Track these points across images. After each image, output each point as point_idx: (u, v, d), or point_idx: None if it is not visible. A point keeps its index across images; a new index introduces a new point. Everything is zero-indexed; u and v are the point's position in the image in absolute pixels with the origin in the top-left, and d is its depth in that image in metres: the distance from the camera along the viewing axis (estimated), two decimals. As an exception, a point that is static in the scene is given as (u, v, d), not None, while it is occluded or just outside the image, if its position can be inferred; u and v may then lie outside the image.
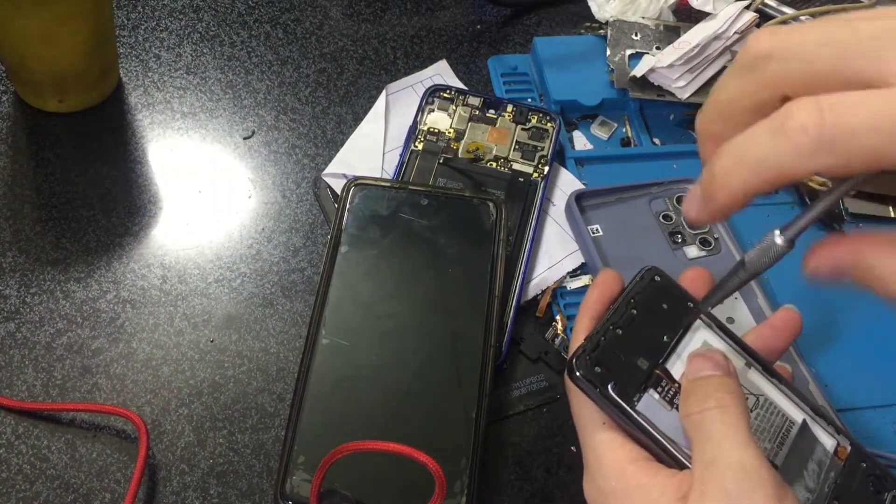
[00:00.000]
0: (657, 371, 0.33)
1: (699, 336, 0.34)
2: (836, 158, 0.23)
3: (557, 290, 0.47)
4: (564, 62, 0.57)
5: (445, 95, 0.53)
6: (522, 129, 0.52)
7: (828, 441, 0.33)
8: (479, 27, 0.61)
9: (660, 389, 0.32)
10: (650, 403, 0.32)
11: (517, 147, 0.51)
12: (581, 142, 0.55)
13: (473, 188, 0.49)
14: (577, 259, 0.48)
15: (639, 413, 0.32)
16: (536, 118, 0.53)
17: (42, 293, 0.44)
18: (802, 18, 0.62)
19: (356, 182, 0.46)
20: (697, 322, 0.35)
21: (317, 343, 0.41)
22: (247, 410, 0.42)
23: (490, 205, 0.46)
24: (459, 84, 0.56)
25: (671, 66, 0.53)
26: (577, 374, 0.32)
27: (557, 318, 0.46)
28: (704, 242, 0.49)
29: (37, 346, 0.42)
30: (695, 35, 0.55)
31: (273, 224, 0.49)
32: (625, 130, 0.56)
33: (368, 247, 0.44)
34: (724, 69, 0.56)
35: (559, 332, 0.46)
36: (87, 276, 0.45)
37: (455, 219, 0.46)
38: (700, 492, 0.28)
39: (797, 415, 0.34)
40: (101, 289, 0.45)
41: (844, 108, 0.23)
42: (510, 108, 0.53)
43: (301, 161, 0.51)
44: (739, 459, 0.28)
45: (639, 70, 0.54)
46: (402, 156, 0.51)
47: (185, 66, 0.55)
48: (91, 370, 0.42)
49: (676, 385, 0.33)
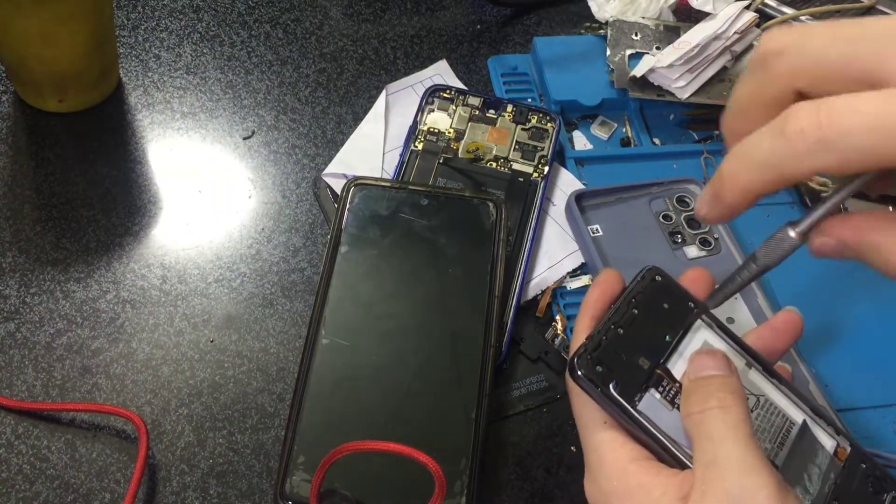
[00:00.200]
0: (658, 371, 0.33)
1: (700, 336, 0.34)
2: (834, 159, 0.24)
3: (557, 290, 0.47)
4: (564, 62, 0.57)
5: (445, 95, 0.53)
6: (522, 129, 0.52)
7: (828, 442, 0.33)
8: (479, 27, 0.61)
9: (661, 389, 0.32)
10: (651, 403, 0.32)
11: (517, 147, 0.51)
12: (581, 142, 0.55)
13: (473, 188, 0.49)
14: (577, 259, 0.48)
15: (640, 412, 0.32)
16: (536, 118, 0.53)
17: (42, 293, 0.44)
18: (802, 18, 0.62)
19: (356, 182, 0.46)
20: (698, 322, 0.35)
21: (317, 343, 0.41)
22: (247, 410, 0.42)
23: (490, 205, 0.46)
24: (459, 84, 0.56)
25: (671, 66, 0.53)
26: (579, 374, 0.32)
27: (557, 318, 0.46)
28: (704, 242, 0.49)
29: (37, 346, 0.42)
30: (695, 35, 0.55)
31: (273, 224, 0.49)
32: (625, 130, 0.56)
33: (368, 247, 0.44)
34: (724, 69, 0.56)
35: (559, 332, 0.46)
36: (87, 276, 0.45)
37: (455, 219, 0.46)
38: (701, 492, 0.28)
39: (797, 415, 0.34)
40: (101, 289, 0.45)
41: (841, 110, 0.24)
42: (510, 108, 0.53)
43: (301, 161, 0.51)
44: (741, 459, 0.28)
45: (639, 70, 0.54)
46: (402, 156, 0.51)
47: (185, 66, 0.55)
48: (91, 370, 0.42)
49: (677, 385, 0.32)
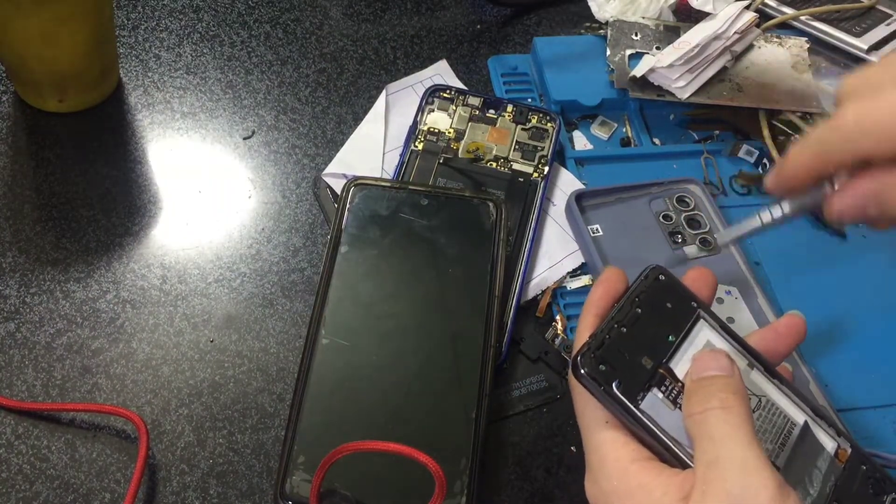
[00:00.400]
0: (661, 370, 0.33)
1: (702, 336, 0.34)
2: (870, 144, 0.31)
3: (557, 290, 0.47)
4: (564, 62, 0.57)
5: (445, 95, 0.53)
6: (522, 129, 0.52)
7: (829, 443, 0.33)
8: (479, 27, 0.61)
9: (664, 389, 0.32)
10: (654, 402, 0.32)
11: (517, 147, 0.51)
12: (581, 142, 0.55)
13: (473, 188, 0.49)
14: (577, 259, 0.48)
15: (642, 412, 0.31)
16: (536, 118, 0.53)
17: (42, 293, 0.44)
18: (803, 18, 0.62)
19: (356, 182, 0.46)
20: (701, 322, 0.35)
21: (317, 343, 0.41)
22: (247, 410, 0.42)
23: (490, 205, 0.46)
24: (459, 84, 0.56)
25: (671, 66, 0.53)
26: (582, 372, 0.32)
27: (557, 318, 0.46)
28: (704, 242, 0.49)
29: (37, 346, 0.42)
30: (695, 35, 0.55)
31: (273, 224, 0.49)
32: (625, 130, 0.56)
33: (368, 247, 0.44)
34: (724, 69, 0.56)
35: (559, 332, 0.46)
36: (87, 276, 0.45)
37: (455, 219, 0.46)
38: (702, 492, 0.28)
39: (799, 416, 0.34)
40: (101, 289, 0.45)
41: (872, 107, 0.31)
42: (510, 108, 0.53)
43: (301, 161, 0.51)
44: (742, 459, 0.28)
45: (639, 70, 0.54)
46: (402, 156, 0.50)
47: (185, 66, 0.55)
48: (91, 370, 0.42)
49: (680, 384, 0.32)
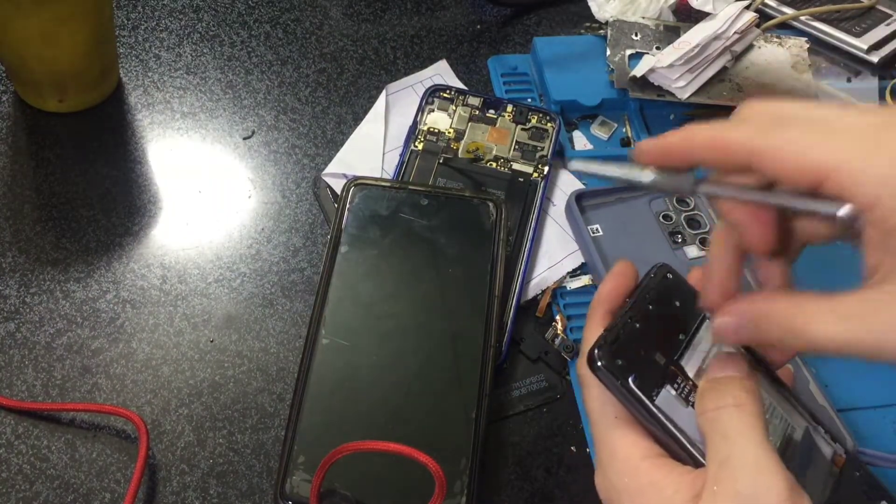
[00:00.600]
0: (673, 367, 0.32)
1: (710, 336, 0.34)
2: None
3: (557, 290, 0.47)
4: (564, 62, 0.57)
5: (445, 95, 0.53)
6: (522, 129, 0.52)
7: (826, 449, 0.33)
8: (479, 27, 0.61)
9: (676, 386, 0.32)
10: (668, 399, 0.31)
11: (517, 147, 0.51)
12: (581, 142, 0.55)
13: (473, 188, 0.49)
14: (577, 259, 0.48)
15: (658, 408, 0.31)
16: (536, 118, 0.53)
17: (42, 293, 0.44)
18: (803, 18, 0.62)
19: (356, 182, 0.46)
20: (708, 322, 0.35)
21: (317, 343, 0.41)
22: (247, 410, 0.42)
23: (490, 205, 0.46)
24: (459, 84, 0.56)
25: (671, 66, 0.53)
26: (599, 365, 0.31)
27: (557, 318, 0.46)
28: (704, 242, 0.49)
29: (37, 346, 0.42)
30: (695, 35, 0.55)
31: (273, 224, 0.49)
32: (625, 130, 0.56)
33: (368, 247, 0.44)
34: (724, 69, 0.56)
35: (559, 332, 0.46)
36: (87, 276, 0.45)
37: (455, 219, 0.46)
38: (713, 491, 0.28)
39: (800, 422, 0.34)
40: (101, 289, 0.45)
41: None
42: (510, 108, 0.53)
43: (301, 161, 0.51)
44: (754, 459, 0.28)
45: (639, 70, 0.54)
46: (402, 156, 0.50)
47: (185, 66, 0.55)
48: (91, 370, 0.42)
49: (691, 383, 0.32)
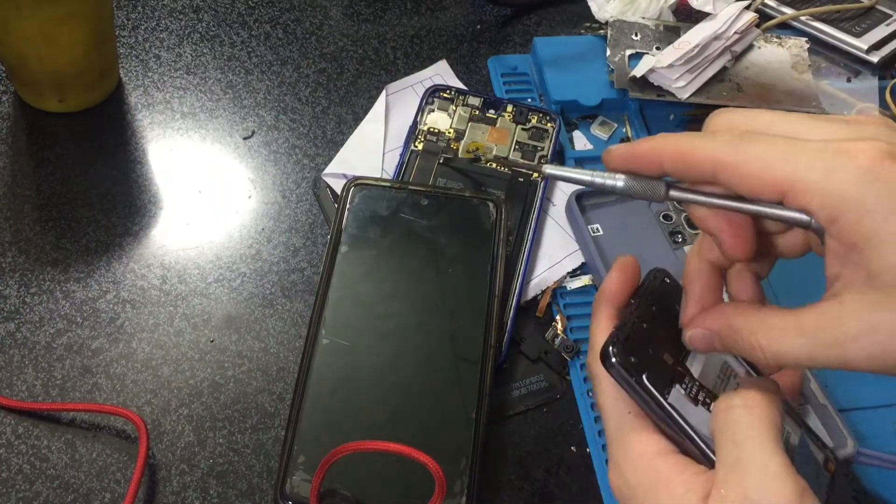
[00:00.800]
0: (679, 368, 0.33)
1: None
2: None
3: (557, 290, 0.47)
4: (564, 62, 0.57)
5: (445, 95, 0.53)
6: (522, 129, 0.52)
7: (819, 455, 0.33)
8: (479, 27, 0.61)
9: (684, 386, 0.32)
10: (678, 398, 0.31)
11: (517, 147, 0.51)
12: (581, 142, 0.55)
13: (473, 188, 0.49)
14: (577, 259, 0.48)
15: (671, 405, 0.31)
16: (536, 118, 0.53)
17: (42, 293, 0.44)
18: (802, 18, 0.62)
19: (356, 182, 0.46)
20: None
21: (317, 343, 0.41)
22: (247, 410, 0.42)
23: (490, 205, 0.46)
24: (459, 84, 0.56)
25: (671, 67, 0.53)
26: (613, 361, 0.31)
27: (557, 318, 0.46)
28: (704, 242, 0.49)
29: (37, 346, 0.42)
30: (695, 35, 0.55)
31: (273, 224, 0.49)
32: (625, 130, 0.56)
33: (368, 247, 0.44)
34: (724, 69, 0.56)
35: (559, 332, 0.46)
36: (87, 276, 0.45)
37: (455, 219, 0.46)
38: (721, 495, 0.27)
39: (795, 428, 0.34)
40: (101, 289, 0.45)
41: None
42: (510, 108, 0.53)
43: (301, 161, 0.51)
44: (763, 463, 0.27)
45: (639, 70, 0.54)
46: (402, 156, 0.50)
47: (185, 66, 0.55)
48: (91, 370, 0.42)
49: (698, 384, 0.32)
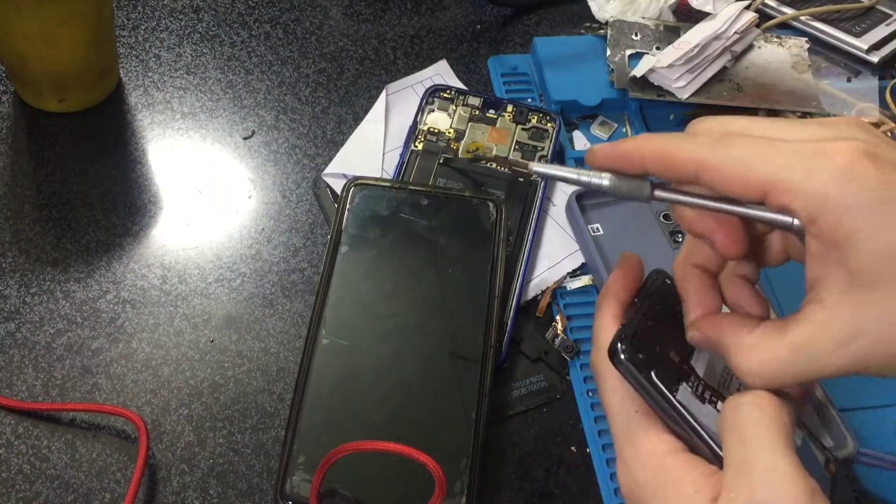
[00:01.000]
0: (686, 366, 0.32)
1: None
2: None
3: (557, 291, 0.47)
4: (564, 62, 0.57)
5: (445, 95, 0.53)
6: (522, 129, 0.52)
7: (819, 456, 0.33)
8: (479, 27, 0.61)
9: (690, 384, 0.32)
10: (685, 395, 0.31)
11: (517, 147, 0.51)
12: (581, 142, 0.55)
13: (473, 188, 0.49)
14: (577, 259, 0.48)
15: (679, 402, 0.31)
16: (536, 118, 0.53)
17: (42, 293, 0.44)
18: (803, 18, 0.62)
19: (356, 182, 0.46)
20: None
21: (317, 343, 0.41)
22: (247, 410, 0.42)
23: (490, 205, 0.46)
24: (459, 84, 0.56)
25: (671, 66, 0.53)
26: (622, 358, 0.31)
27: (557, 318, 0.46)
28: (704, 242, 0.49)
29: (37, 346, 0.42)
30: (695, 35, 0.55)
31: (273, 224, 0.49)
32: (625, 130, 0.56)
33: (368, 247, 0.44)
34: (724, 69, 0.56)
35: (559, 332, 0.46)
36: (87, 276, 0.45)
37: (455, 219, 0.46)
38: (729, 498, 0.27)
39: (797, 430, 0.34)
40: (101, 289, 0.45)
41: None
42: (510, 108, 0.53)
43: (301, 161, 0.51)
44: (771, 464, 0.27)
45: (639, 70, 0.54)
46: (402, 156, 0.50)
47: (185, 66, 0.55)
48: (91, 370, 0.42)
49: (704, 382, 0.32)
